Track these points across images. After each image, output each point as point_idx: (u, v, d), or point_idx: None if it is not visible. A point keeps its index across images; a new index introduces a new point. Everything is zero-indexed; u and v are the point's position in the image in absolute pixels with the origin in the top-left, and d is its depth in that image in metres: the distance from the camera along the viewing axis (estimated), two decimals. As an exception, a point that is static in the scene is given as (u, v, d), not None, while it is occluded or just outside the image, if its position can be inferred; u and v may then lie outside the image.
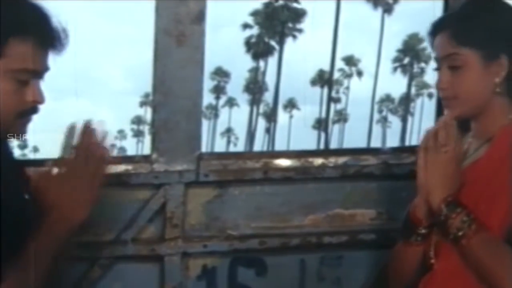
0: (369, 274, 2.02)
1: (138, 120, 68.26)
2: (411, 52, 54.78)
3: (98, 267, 1.81)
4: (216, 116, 63.67)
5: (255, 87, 57.11)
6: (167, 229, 1.85)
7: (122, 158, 1.85)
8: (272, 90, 53.74)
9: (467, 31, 1.51)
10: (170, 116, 1.83)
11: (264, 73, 56.40)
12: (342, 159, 1.97)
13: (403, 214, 1.62)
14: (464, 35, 1.51)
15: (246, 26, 53.69)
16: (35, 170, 1.58)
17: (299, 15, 52.94)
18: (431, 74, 1.60)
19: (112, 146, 1.55)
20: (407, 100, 57.97)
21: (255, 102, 57.74)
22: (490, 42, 1.50)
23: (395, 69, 56.74)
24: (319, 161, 1.96)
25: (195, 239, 1.89)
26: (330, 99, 53.22)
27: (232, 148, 61.53)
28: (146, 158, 1.84)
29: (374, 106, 57.79)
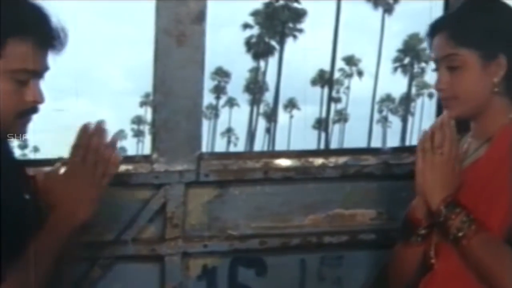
0: (369, 274, 2.02)
1: (138, 120, 68.20)
2: (411, 52, 54.69)
3: (98, 267, 1.81)
4: (216, 116, 63.61)
5: (255, 87, 57.08)
6: (168, 229, 1.85)
7: (123, 158, 1.85)
8: (273, 90, 53.73)
9: (465, 32, 1.51)
10: (170, 116, 1.83)
11: (264, 73, 56.38)
12: (342, 159, 1.97)
13: (403, 214, 1.62)
14: (462, 36, 1.51)
15: (246, 26, 53.67)
16: (35, 170, 1.58)
17: (299, 15, 52.90)
18: (432, 74, 1.60)
19: (120, 148, 1.55)
20: (407, 100, 57.89)
21: (255, 102, 57.70)
22: (488, 42, 1.50)
23: (396, 69, 56.66)
24: (319, 161, 1.96)
25: (196, 239, 1.89)
26: (331, 99, 53.19)
27: (232, 148, 61.43)
28: (146, 158, 1.84)
29: (375, 106, 57.72)
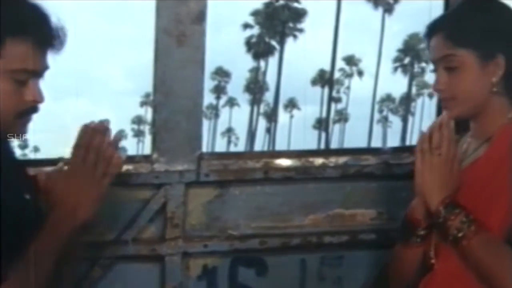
0: (369, 274, 2.02)
1: (138, 120, 68.21)
2: (411, 52, 54.70)
3: (98, 267, 1.81)
4: (216, 116, 63.64)
5: (255, 87, 57.08)
6: (168, 229, 1.85)
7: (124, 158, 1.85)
8: (273, 90, 53.75)
9: (463, 32, 1.51)
10: (170, 116, 1.83)
11: (264, 73, 56.40)
12: (342, 159, 1.97)
13: (403, 214, 1.62)
14: (460, 36, 1.51)
15: (246, 26, 53.68)
16: (35, 170, 1.58)
17: (299, 15, 52.90)
18: (432, 74, 1.60)
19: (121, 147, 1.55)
20: (407, 100, 57.89)
21: (255, 102, 57.70)
22: (486, 42, 1.50)
23: (396, 69, 56.69)
24: (319, 161, 1.96)
25: (196, 239, 1.89)
26: (331, 99, 53.18)
27: (232, 148, 61.48)
28: (146, 158, 1.84)
29: (375, 106, 57.74)
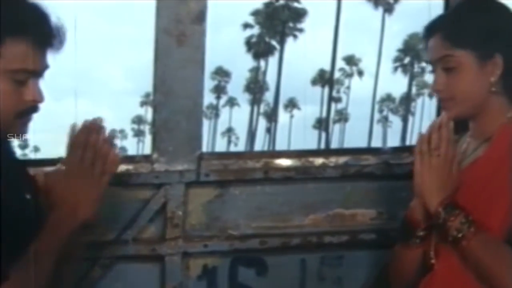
0: (369, 274, 2.01)
1: (138, 120, 68.22)
2: (411, 52, 54.66)
3: (98, 267, 1.81)
4: (216, 116, 63.63)
5: (255, 86, 57.07)
6: (168, 229, 1.85)
7: (123, 158, 1.85)
8: (273, 89, 53.74)
9: (460, 32, 1.51)
10: (170, 116, 1.83)
11: (264, 72, 56.39)
12: (342, 159, 1.97)
13: (404, 214, 1.62)
14: (458, 36, 1.51)
15: (246, 26, 53.67)
16: (35, 170, 1.58)
17: (299, 14, 52.90)
18: (431, 74, 1.60)
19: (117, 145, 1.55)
20: (407, 99, 57.87)
21: (255, 101, 57.69)
22: (484, 42, 1.50)
23: (396, 68, 56.68)
24: (319, 161, 1.96)
25: (196, 239, 1.89)
26: (331, 99, 53.17)
27: (232, 148, 61.47)
28: (146, 158, 1.84)
29: (375, 106, 57.74)
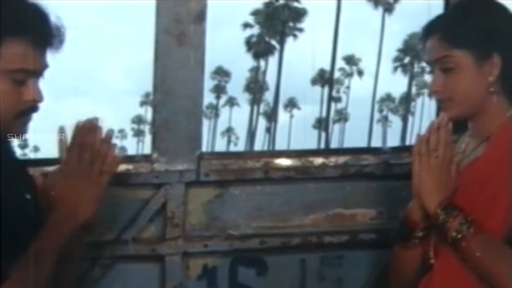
0: (369, 273, 2.01)
1: (138, 120, 68.22)
2: (411, 52, 54.65)
3: (98, 267, 1.81)
4: (216, 116, 63.62)
5: (255, 86, 57.07)
6: (168, 228, 1.85)
7: (123, 158, 1.85)
8: (273, 89, 53.75)
9: (458, 33, 1.51)
10: (170, 116, 1.83)
11: (264, 72, 56.40)
12: (342, 159, 1.97)
13: (403, 214, 1.61)
14: (455, 37, 1.51)
15: (246, 26, 53.68)
16: (35, 170, 1.58)
17: (299, 14, 52.91)
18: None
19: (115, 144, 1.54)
20: (407, 99, 57.87)
21: (255, 101, 57.69)
22: (482, 42, 1.50)
23: (396, 68, 56.69)
24: (319, 160, 1.96)
25: (196, 238, 1.89)
26: (331, 99, 53.17)
27: (232, 148, 61.47)
28: (146, 158, 1.84)
29: (375, 106, 57.75)
